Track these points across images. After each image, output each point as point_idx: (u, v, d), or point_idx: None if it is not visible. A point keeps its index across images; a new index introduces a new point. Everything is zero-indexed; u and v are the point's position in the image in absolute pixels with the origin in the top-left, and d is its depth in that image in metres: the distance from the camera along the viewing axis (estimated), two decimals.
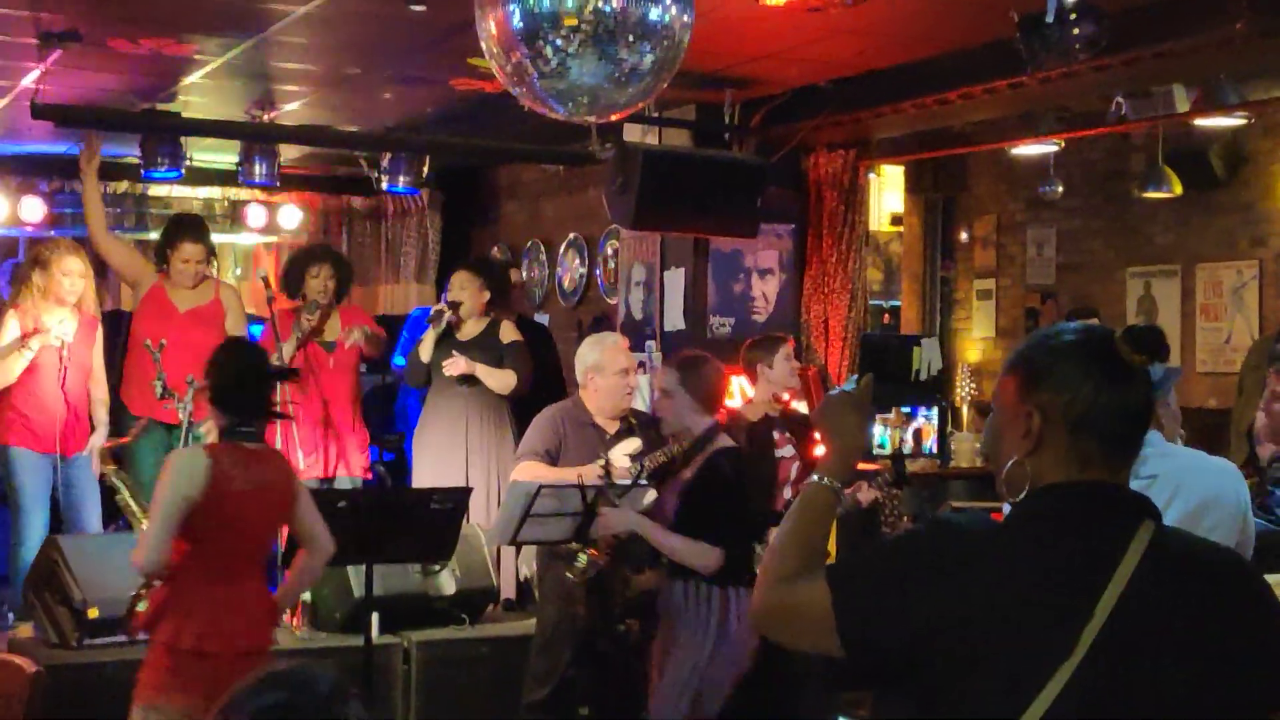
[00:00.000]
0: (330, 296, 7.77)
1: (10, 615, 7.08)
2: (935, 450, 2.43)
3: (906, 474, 2.78)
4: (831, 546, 3.41)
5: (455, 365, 7.55)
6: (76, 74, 7.61)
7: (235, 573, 4.46)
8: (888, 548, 2.38)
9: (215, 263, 8.21)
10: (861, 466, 3.71)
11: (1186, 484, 3.51)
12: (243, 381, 4.52)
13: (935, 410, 2.43)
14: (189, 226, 8.03)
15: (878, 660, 2.18)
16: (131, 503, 6.13)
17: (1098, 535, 2.14)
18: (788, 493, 6.43)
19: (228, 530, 4.41)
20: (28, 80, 7.69)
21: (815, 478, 2.40)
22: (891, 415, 2.46)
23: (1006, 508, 2.26)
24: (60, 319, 7.22)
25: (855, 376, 2.47)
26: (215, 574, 4.39)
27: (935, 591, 2.11)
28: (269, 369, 4.71)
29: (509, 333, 7.85)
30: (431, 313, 7.88)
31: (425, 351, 7.70)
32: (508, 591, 7.62)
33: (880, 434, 2.47)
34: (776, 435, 6.50)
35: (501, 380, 7.60)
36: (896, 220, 11.24)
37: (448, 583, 6.90)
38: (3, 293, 9.98)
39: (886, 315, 11.44)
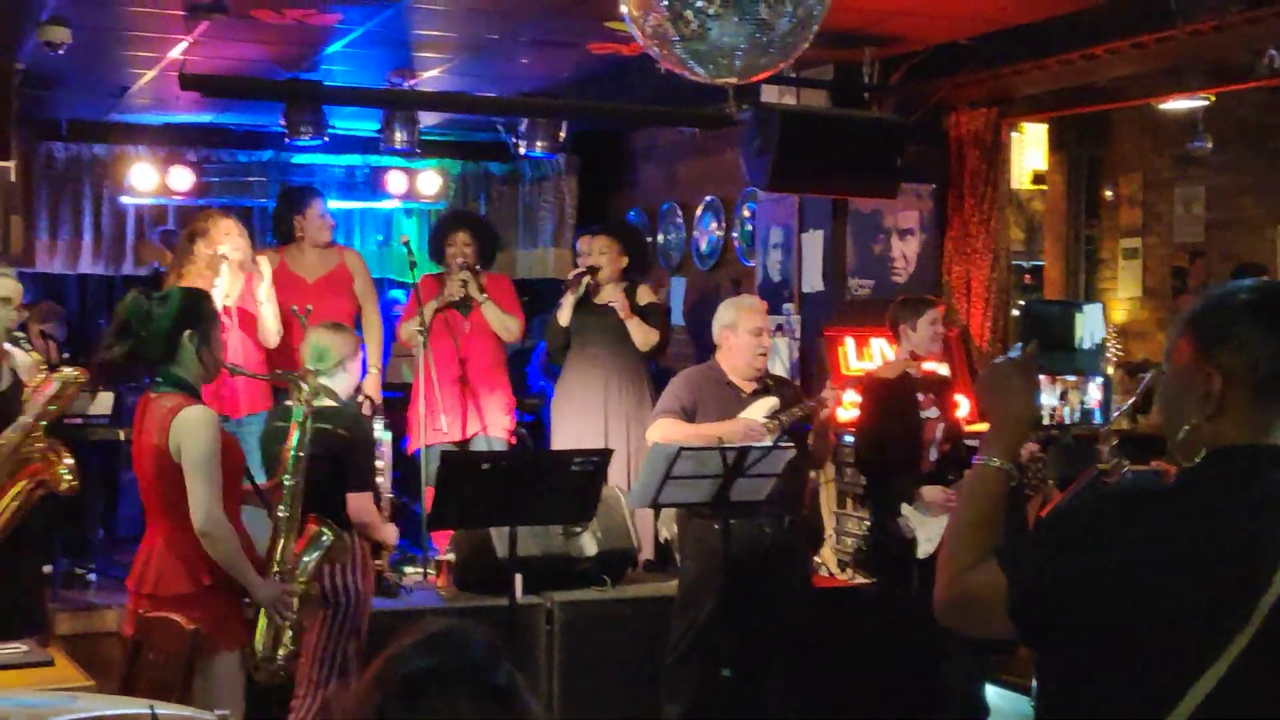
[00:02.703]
0: (472, 261, 7.82)
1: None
2: (1103, 419, 2.35)
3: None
4: None
5: (618, 302, 7.62)
6: (222, 45, 7.74)
7: (149, 520, 4.74)
8: (1056, 518, 2.31)
9: None
10: None
11: None
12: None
13: (1100, 379, 2.35)
14: (308, 188, 8.15)
15: (1046, 629, 2.14)
16: None
17: (1279, 501, 2.07)
18: (933, 453, 6.38)
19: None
20: (175, 52, 7.84)
21: (983, 459, 2.33)
22: (1057, 384, 2.38)
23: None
24: (225, 286, 7.23)
25: (1019, 345, 2.39)
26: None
27: (1105, 557, 2.07)
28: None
29: (646, 295, 7.88)
30: (571, 277, 7.93)
31: (564, 315, 7.75)
32: (647, 553, 7.67)
33: (1048, 400, 2.37)
34: (921, 396, 6.45)
35: (645, 335, 7.65)
36: (1038, 179, 11.03)
37: (589, 544, 6.97)
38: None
39: (1028, 275, 11.25)
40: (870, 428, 6.58)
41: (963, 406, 6.85)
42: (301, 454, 4.91)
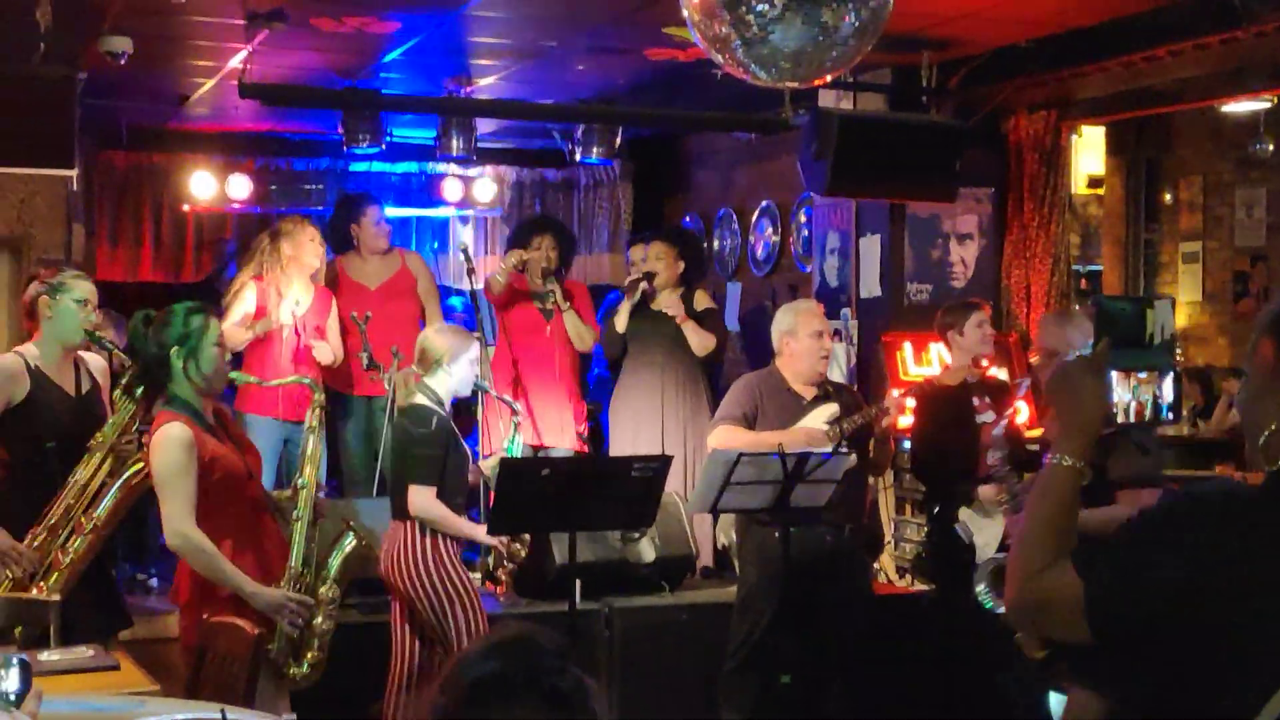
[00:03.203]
0: (554, 266, 7.79)
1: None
2: (1172, 417, 2.31)
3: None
4: None
5: (676, 309, 7.61)
6: (281, 53, 7.77)
7: None
8: (1137, 523, 2.27)
9: None
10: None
11: None
12: None
13: (1170, 376, 2.31)
14: (364, 195, 8.17)
15: (1125, 633, 2.11)
16: None
17: None
18: (990, 458, 6.33)
19: None
20: (235, 60, 7.89)
21: (1054, 458, 2.28)
22: (1130, 380, 2.33)
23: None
24: (297, 293, 7.29)
25: (1090, 342, 2.36)
26: None
27: (1192, 561, 2.05)
28: None
29: (703, 300, 7.87)
30: (627, 283, 7.91)
31: (621, 322, 7.74)
32: (706, 559, 7.65)
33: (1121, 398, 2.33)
34: (976, 401, 6.41)
35: (702, 340, 7.63)
36: (1094, 182, 10.96)
37: (647, 550, 6.96)
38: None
39: (1084, 280, 11.17)
40: (927, 434, 6.55)
41: (1022, 412, 6.80)
42: (315, 457, 4.97)
